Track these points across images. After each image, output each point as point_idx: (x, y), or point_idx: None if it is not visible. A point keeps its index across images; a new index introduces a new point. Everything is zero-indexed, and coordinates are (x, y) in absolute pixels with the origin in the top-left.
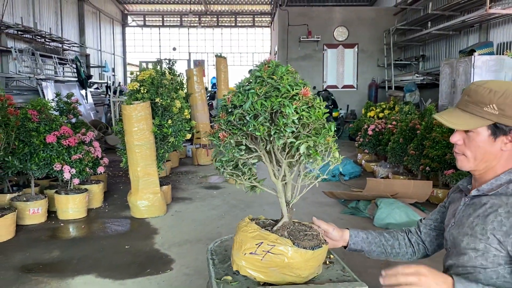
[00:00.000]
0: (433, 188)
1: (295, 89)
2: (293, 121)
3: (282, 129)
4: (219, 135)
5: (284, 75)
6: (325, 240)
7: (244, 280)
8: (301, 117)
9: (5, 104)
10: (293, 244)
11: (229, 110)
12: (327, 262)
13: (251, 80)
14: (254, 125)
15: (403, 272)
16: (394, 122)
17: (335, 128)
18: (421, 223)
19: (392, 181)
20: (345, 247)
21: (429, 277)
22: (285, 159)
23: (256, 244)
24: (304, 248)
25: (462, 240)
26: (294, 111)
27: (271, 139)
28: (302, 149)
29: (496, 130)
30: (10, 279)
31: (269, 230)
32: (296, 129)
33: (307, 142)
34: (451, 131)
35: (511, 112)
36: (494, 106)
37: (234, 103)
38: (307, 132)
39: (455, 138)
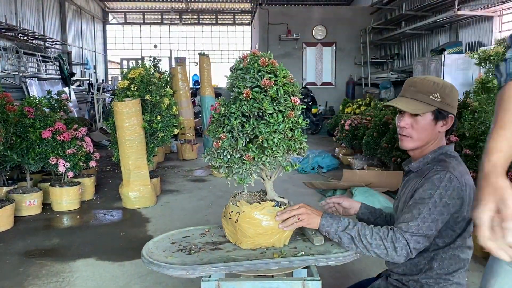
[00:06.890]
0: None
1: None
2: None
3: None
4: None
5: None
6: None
7: None
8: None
9: (3, 101)
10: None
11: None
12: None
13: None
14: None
15: (292, 209)
16: (368, 118)
17: (315, 124)
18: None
19: (367, 172)
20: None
21: (306, 208)
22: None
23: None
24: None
25: (402, 210)
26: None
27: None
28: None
29: (438, 115)
30: (16, 263)
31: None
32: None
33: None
34: None
35: (449, 101)
36: (438, 95)
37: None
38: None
39: (404, 122)
